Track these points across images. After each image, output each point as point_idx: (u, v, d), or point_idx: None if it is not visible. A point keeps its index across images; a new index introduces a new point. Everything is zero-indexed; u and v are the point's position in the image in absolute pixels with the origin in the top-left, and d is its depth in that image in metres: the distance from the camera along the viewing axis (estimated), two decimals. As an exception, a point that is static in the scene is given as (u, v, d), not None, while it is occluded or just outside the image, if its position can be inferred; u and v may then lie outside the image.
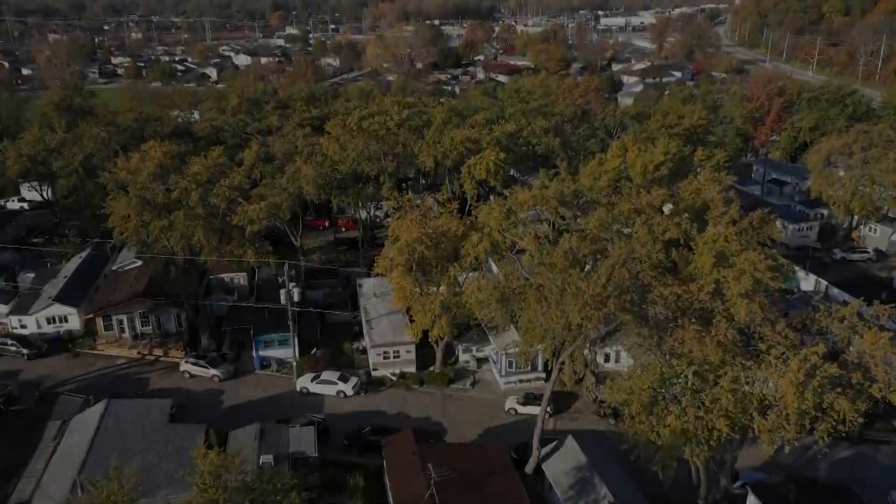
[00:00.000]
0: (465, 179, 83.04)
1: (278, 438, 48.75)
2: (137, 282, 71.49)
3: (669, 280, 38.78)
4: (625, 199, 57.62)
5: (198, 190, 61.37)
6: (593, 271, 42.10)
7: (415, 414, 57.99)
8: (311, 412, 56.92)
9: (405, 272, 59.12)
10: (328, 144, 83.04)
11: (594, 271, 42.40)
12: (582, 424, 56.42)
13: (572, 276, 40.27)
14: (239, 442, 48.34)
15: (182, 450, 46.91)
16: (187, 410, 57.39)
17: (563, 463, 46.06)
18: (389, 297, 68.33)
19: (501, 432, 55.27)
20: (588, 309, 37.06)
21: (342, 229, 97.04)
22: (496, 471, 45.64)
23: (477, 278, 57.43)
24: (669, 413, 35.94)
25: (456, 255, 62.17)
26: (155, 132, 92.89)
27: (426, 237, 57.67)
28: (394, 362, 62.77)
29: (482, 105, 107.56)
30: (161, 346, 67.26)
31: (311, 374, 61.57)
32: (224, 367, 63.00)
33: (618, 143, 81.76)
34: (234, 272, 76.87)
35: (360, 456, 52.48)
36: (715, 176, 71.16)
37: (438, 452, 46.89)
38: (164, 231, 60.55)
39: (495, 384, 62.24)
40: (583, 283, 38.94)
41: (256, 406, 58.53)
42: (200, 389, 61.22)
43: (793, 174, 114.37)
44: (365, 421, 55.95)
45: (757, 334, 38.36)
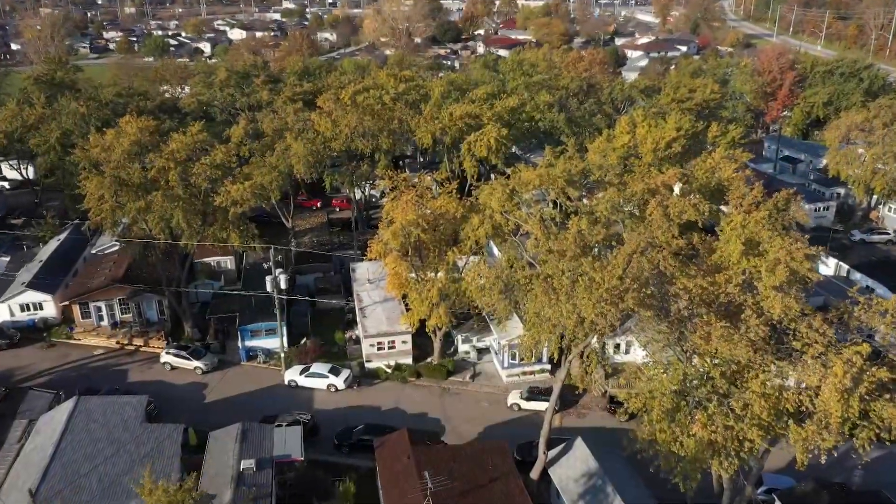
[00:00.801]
0: (465, 157, 78.54)
1: (262, 440, 44.83)
2: (117, 267, 67.35)
3: (693, 270, 34.63)
4: (637, 179, 53.22)
5: (176, 169, 56.85)
6: (608, 260, 37.78)
7: (411, 410, 54.10)
8: (299, 408, 53.00)
9: (400, 257, 54.98)
10: (319, 120, 78.32)
11: (609, 260, 38.13)
12: (590, 421, 52.59)
13: (584, 265, 36.05)
14: (218, 444, 44.44)
15: (157, 453, 43.05)
16: (167, 405, 53.50)
17: (571, 468, 42.20)
18: (384, 282, 64.33)
19: (503, 430, 51.39)
20: (603, 304, 32.91)
21: (336, 210, 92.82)
22: (498, 476, 41.76)
23: (477, 263, 53.30)
24: (695, 421, 31.94)
25: (455, 239, 58.00)
26: (138, 107, 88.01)
27: (423, 219, 53.44)
28: (388, 353, 58.79)
29: (483, 79, 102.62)
30: (142, 336, 63.24)
31: (300, 367, 57.64)
32: (207, 359, 59.03)
33: (626, 119, 77.09)
34: (221, 256, 72.77)
35: (351, 457, 48.69)
36: (730, 153, 66.90)
37: (435, 455, 43.02)
38: (140, 213, 56.22)
39: (497, 377, 58.32)
40: (597, 273, 34.72)
41: (241, 401, 54.63)
42: (182, 383, 57.28)
43: (806, 151, 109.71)
44: (357, 418, 52.09)
45: (792, 331, 34.21)
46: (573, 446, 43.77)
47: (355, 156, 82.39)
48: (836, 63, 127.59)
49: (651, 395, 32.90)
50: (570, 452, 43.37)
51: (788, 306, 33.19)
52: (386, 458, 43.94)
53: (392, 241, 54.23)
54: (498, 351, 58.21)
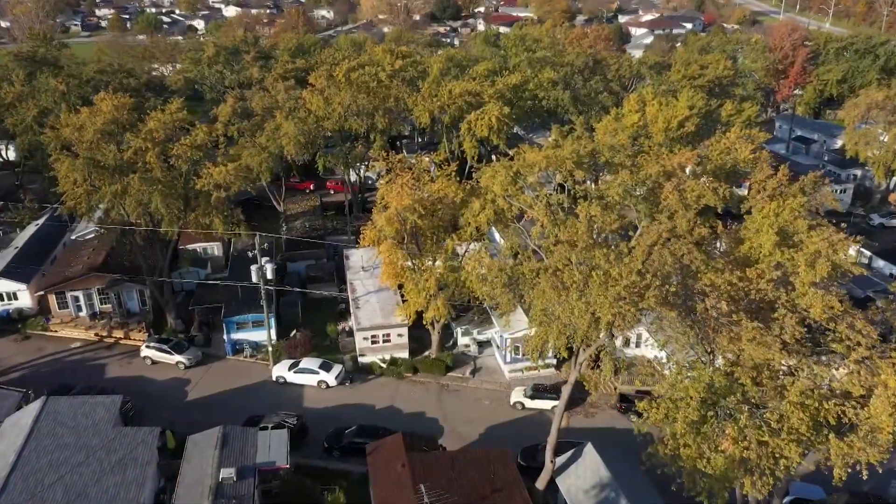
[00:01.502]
0: (465, 137, 74.42)
1: (244, 445, 41.27)
2: (96, 254, 63.47)
3: (720, 263, 30.85)
4: (651, 161, 49.25)
5: (154, 150, 52.79)
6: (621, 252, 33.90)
7: (407, 409, 50.54)
8: (287, 407, 49.43)
9: (395, 245, 51.14)
10: (311, 99, 74.12)
11: (622, 251, 34.28)
12: (599, 421, 49.11)
13: (598, 257, 32.22)
14: (197, 450, 40.87)
15: (129, 461, 39.49)
16: (147, 404, 49.97)
17: (581, 477, 38.66)
18: (379, 270, 60.58)
19: (506, 432, 47.93)
20: (622, 303, 29.15)
21: (331, 192, 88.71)
22: (501, 486, 38.22)
23: (478, 251, 49.48)
24: (724, 435, 28.28)
25: (454, 225, 54.18)
26: (121, 85, 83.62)
27: (419, 204, 49.53)
28: (383, 347, 55.11)
29: (484, 55, 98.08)
30: (122, 328, 59.53)
31: (289, 361, 53.99)
32: (190, 353, 55.37)
33: (635, 97, 72.96)
34: (207, 242, 68.83)
35: (342, 461, 45.20)
36: (746, 133, 62.94)
37: (432, 463, 39.47)
38: (116, 197, 52.27)
39: (499, 372, 54.72)
40: (613, 268, 30.88)
41: (225, 399, 51.06)
42: (163, 379, 53.68)
43: (820, 131, 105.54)
44: (349, 418, 48.53)
45: (831, 331, 30.50)
46: (583, 453, 40.21)
47: (349, 136, 78.30)
48: (850, 39, 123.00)
49: (675, 404, 29.17)
50: (579, 460, 39.82)
51: (830, 305, 29.40)
52: (379, 466, 40.41)
53: (386, 227, 50.38)
54: (500, 345, 54.56)
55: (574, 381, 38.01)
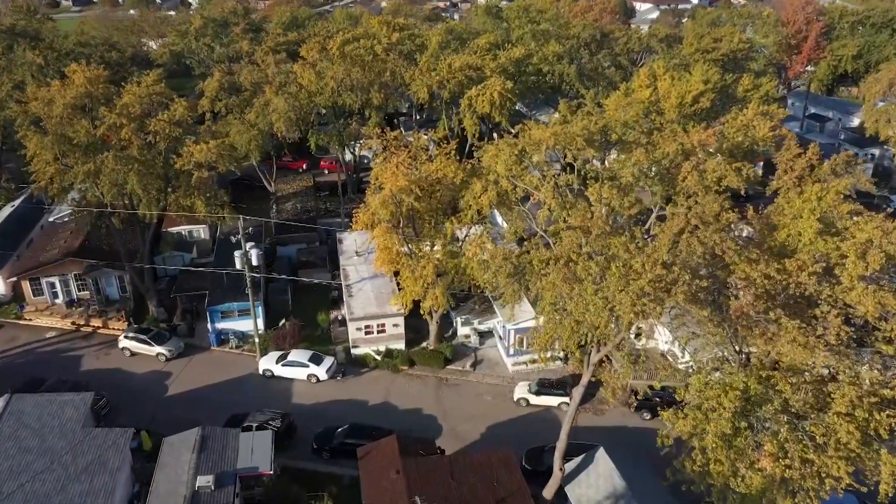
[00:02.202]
0: (465, 114, 70.28)
1: (224, 449, 37.83)
2: (73, 237, 59.77)
3: (754, 254, 27.23)
4: (668, 138, 45.38)
5: (130, 126, 48.81)
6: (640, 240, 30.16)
7: (403, 405, 47.09)
8: (274, 403, 46.05)
9: (390, 229, 47.42)
10: (303, 73, 69.94)
11: (636, 237, 30.54)
12: (609, 420, 45.72)
13: (617, 247, 28.53)
14: (172, 454, 37.42)
15: (98, 466, 36.08)
16: (124, 399, 46.58)
17: (592, 486, 35.27)
18: (374, 255, 56.95)
19: (509, 431, 44.54)
20: (646, 301, 25.52)
21: (324, 172, 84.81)
22: (505, 496, 34.84)
23: (480, 236, 45.87)
24: (762, 452, 24.79)
25: (454, 208, 50.45)
26: (102, 58, 79.25)
27: (416, 185, 45.74)
28: (378, 338, 51.57)
29: (485, 27, 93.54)
30: (100, 316, 55.97)
31: (277, 353, 50.47)
32: (171, 344, 51.81)
33: (646, 71, 68.74)
34: (192, 225, 65.12)
35: (332, 463, 41.83)
36: (764, 110, 58.99)
37: (430, 469, 36.04)
38: (89, 177, 48.41)
39: (501, 365, 51.23)
40: (635, 259, 27.18)
41: (207, 395, 47.61)
42: (142, 372, 50.18)
43: (835, 108, 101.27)
44: (340, 416, 45.07)
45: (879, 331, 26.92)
46: (594, 458, 36.78)
47: (343, 113, 74.22)
48: (865, 13, 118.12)
49: (704, 415, 25.61)
50: (590, 466, 36.39)
51: (883, 302, 25.76)
52: (371, 472, 36.99)
53: (381, 210, 46.61)
54: (503, 335, 51.01)
55: (587, 383, 34.43)
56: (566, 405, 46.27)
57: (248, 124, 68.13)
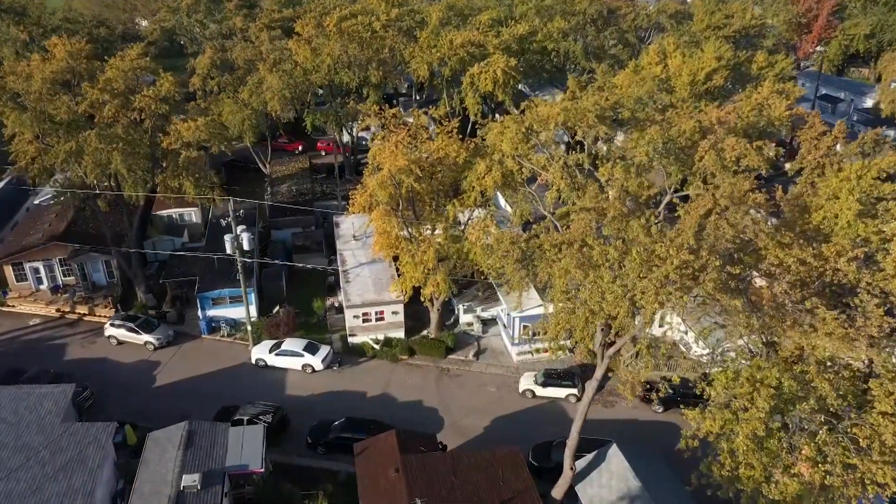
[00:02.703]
0: (467, 93, 67.50)
1: (212, 445, 35.56)
2: (58, 221, 57.28)
3: (787, 238, 24.77)
4: (684, 115, 42.77)
5: (114, 102, 46.17)
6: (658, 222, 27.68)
7: (402, 397, 44.81)
8: (266, 396, 43.75)
9: (389, 212, 44.91)
10: (298, 49, 67.11)
11: (652, 219, 28.08)
12: (620, 412, 43.42)
13: (637, 230, 26.06)
14: (157, 451, 35.14)
15: (77, 464, 33.81)
16: (109, 390, 44.30)
17: (605, 486, 33.00)
18: (372, 240, 54.53)
19: (515, 425, 42.31)
20: (671, 290, 23.07)
21: (321, 153, 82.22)
22: (512, 496, 32.61)
23: (484, 219, 43.37)
24: (795, 454, 22.47)
25: (456, 190, 47.97)
26: (90, 35, 76.28)
27: (416, 166, 43.20)
28: (376, 326, 49.21)
29: (488, 3, 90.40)
30: (86, 303, 53.58)
31: (271, 342, 48.13)
32: (160, 332, 49.47)
33: (655, 48, 65.91)
34: (183, 208, 62.59)
35: (328, 459, 39.61)
36: (780, 88, 56.35)
37: (431, 467, 33.76)
38: (71, 156, 45.81)
39: (505, 354, 48.92)
40: (659, 244, 24.68)
41: (197, 386, 45.32)
42: (129, 361, 47.87)
43: (847, 89, 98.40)
44: (337, 409, 42.81)
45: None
46: (607, 456, 34.50)
47: (340, 91, 71.45)
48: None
49: (734, 414, 23.26)
50: (603, 465, 34.11)
51: (931, 291, 23.37)
52: (368, 470, 34.75)
53: (379, 191, 44.10)
54: (507, 324, 48.64)
55: (601, 376, 32.08)
56: (574, 397, 44.09)
57: (241, 103, 65.42)
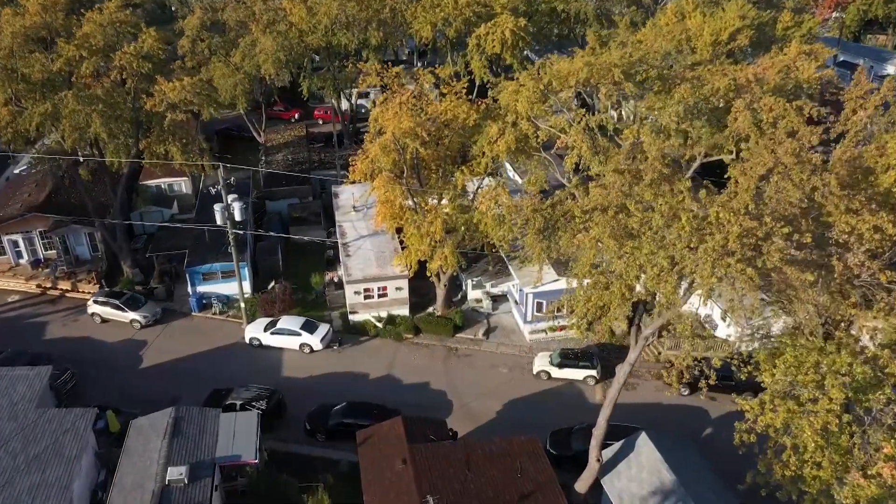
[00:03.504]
0: (473, 55, 63.60)
1: (201, 433, 32.43)
2: (38, 190, 53.72)
3: (857, 203, 21.43)
4: (717, 72, 39.12)
5: (91, 60, 42.39)
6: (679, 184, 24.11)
7: (408, 378, 41.69)
8: (261, 378, 40.58)
9: (393, 179, 41.39)
10: (293, 9, 63.03)
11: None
12: (643, 396, 40.36)
13: (683, 192, 22.64)
14: (140, 440, 32.00)
15: (53, 455, 30.72)
16: (91, 373, 41.08)
17: (635, 480, 29.94)
18: (374, 210, 51.12)
19: (529, 409, 39.27)
20: (732, 261, 19.73)
21: (319, 122, 78.35)
22: (532, 490, 29.55)
23: (495, 186, 39.91)
24: (877, 455, 19.32)
25: (464, 156, 44.49)
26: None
27: (422, 129, 39.60)
28: (379, 303, 45.95)
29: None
30: (69, 278, 50.21)
31: (266, 320, 44.88)
32: (147, 309, 46.17)
33: (673, 7, 61.99)
34: (173, 177, 59.03)
35: (328, 446, 36.55)
36: (808, 49, 52.52)
37: (442, 458, 30.67)
38: (47, 120, 42.12)
39: (517, 332, 45.75)
40: (714, 208, 21.25)
41: (186, 367, 42.14)
42: (113, 341, 44.64)
43: (866, 56, 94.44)
44: (337, 392, 39.66)
45: None
46: (636, 445, 31.40)
47: (338, 55, 67.44)
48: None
49: (800, 406, 20.06)
50: (631, 455, 31.02)
51: None
52: (372, 461, 31.65)
53: (382, 157, 40.62)
54: (520, 300, 45.40)
55: (637, 359, 28.88)
56: (592, 379, 41.01)
57: (233, 67, 61.56)
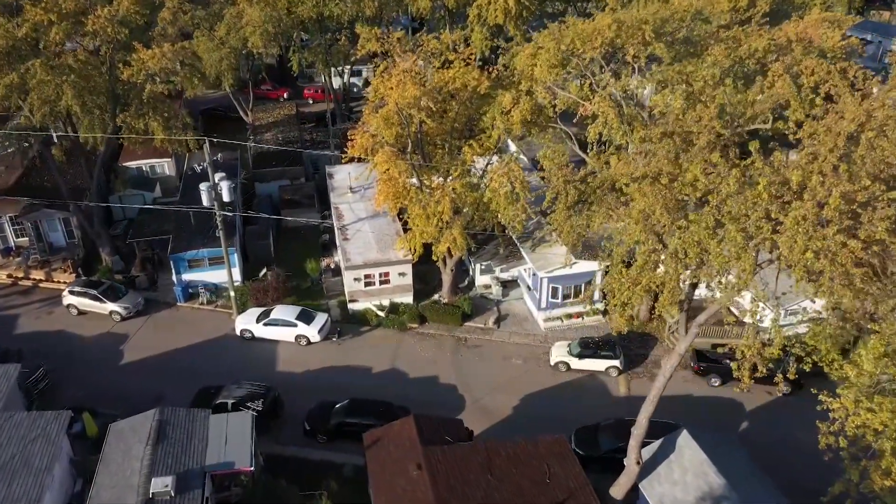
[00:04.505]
0: (473, 26, 59.83)
1: (189, 438, 28.89)
2: (8, 173, 49.63)
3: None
4: (753, 34, 35.77)
5: (62, 25, 38.38)
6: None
7: (414, 372, 38.29)
8: (254, 374, 37.02)
9: (396, 155, 37.76)
10: (282, -22, 58.95)
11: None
12: (671, 387, 36.87)
13: (755, 155, 19.29)
14: (120, 446, 28.42)
15: (20, 465, 27.10)
16: (67, 370, 37.38)
17: (678, 484, 26.70)
18: (372, 191, 47.59)
19: (549, 404, 36.01)
20: (828, 232, 16.34)
21: (309, 101, 74.54)
22: (562, 498, 26.31)
23: (508, 162, 36.48)
24: None
25: (472, 131, 40.93)
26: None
27: (429, 98, 36.01)
28: (381, 290, 42.45)
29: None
30: (43, 267, 46.32)
31: (258, 310, 41.29)
32: (128, 300, 42.43)
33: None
34: (155, 158, 55.11)
35: (330, 449, 33.14)
36: (829, 16, 49.62)
37: (461, 462, 27.36)
38: (12, 93, 38.13)
39: (530, 321, 42.42)
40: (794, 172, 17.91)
41: (171, 362, 38.52)
42: (91, 335, 40.91)
43: (874, 31, 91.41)
44: (338, 387, 36.17)
45: None
46: (676, 445, 28.17)
47: (330, 27, 63.49)
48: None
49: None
50: (672, 456, 27.80)
51: None
52: (383, 466, 28.26)
53: (384, 130, 37.10)
54: (533, 285, 42.04)
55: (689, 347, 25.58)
56: (615, 370, 37.78)
57: (217, 41, 57.49)
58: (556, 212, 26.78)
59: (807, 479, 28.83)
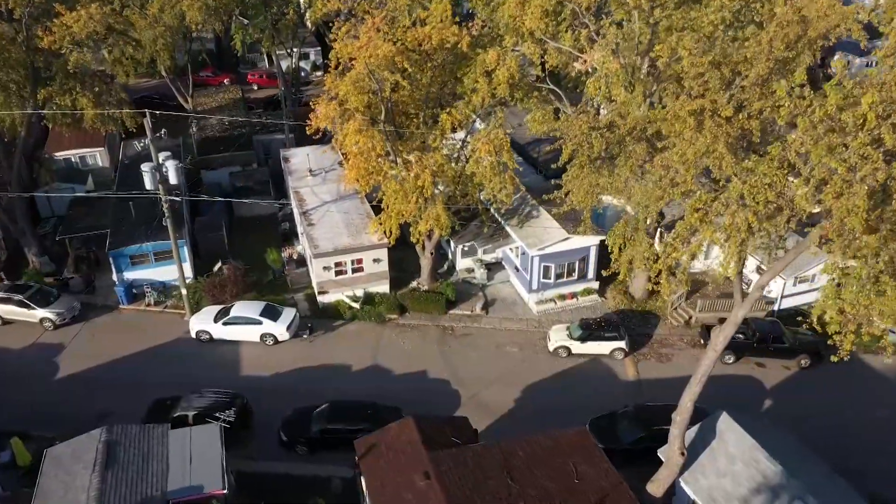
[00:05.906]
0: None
1: (146, 459, 24.00)
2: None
3: None
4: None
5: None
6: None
7: (399, 368, 34.01)
8: (216, 380, 32.11)
9: (368, 124, 33.39)
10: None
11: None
12: (677, 368, 33.82)
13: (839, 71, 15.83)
14: (59, 475, 23.31)
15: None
16: (-6, 388, 31.85)
17: (727, 475, 23.20)
18: (334, 173, 43.34)
19: (553, 393, 32.32)
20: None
21: (254, 87, 69.38)
22: (597, 499, 22.56)
23: (492, 129, 32.67)
24: None
25: (448, 97, 36.91)
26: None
27: (403, 57, 31.84)
28: (353, 279, 38.02)
29: None
30: (-41, 273, 40.27)
31: (215, 308, 36.35)
32: (61, 304, 36.84)
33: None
34: (86, 148, 49.34)
35: (313, 461, 28.65)
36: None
37: (474, 467, 23.31)
38: None
39: (521, 304, 38.67)
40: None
41: (116, 373, 33.27)
42: (19, 347, 35.25)
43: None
44: (314, 390, 31.62)
45: None
46: (717, 430, 24.69)
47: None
48: None
49: None
50: (714, 444, 24.29)
51: None
52: (383, 477, 23.97)
53: (353, 96, 32.67)
54: (522, 267, 38.28)
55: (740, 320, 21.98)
56: (621, 352, 34.37)
57: (150, 20, 51.86)
58: (572, 168, 22.99)
59: (840, 459, 26.01)
